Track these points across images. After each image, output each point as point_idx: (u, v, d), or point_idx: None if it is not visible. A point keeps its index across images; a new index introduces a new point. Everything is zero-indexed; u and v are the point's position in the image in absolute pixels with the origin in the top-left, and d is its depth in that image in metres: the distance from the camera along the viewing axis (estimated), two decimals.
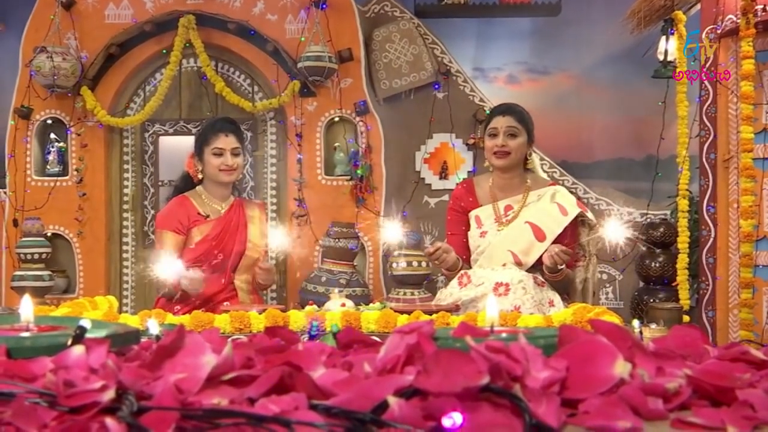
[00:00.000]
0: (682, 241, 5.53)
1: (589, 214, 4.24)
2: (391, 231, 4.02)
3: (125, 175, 6.42)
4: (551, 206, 4.10)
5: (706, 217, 5.29)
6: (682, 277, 5.52)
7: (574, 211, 4.10)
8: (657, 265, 5.85)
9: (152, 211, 6.40)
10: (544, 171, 4.82)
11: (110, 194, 6.35)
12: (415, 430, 0.71)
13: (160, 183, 6.42)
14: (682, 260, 5.51)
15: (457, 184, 4.84)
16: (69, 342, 0.99)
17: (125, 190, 6.42)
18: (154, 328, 1.20)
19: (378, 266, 6.20)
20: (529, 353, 0.81)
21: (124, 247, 6.42)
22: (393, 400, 0.75)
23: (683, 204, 5.51)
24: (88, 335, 1.00)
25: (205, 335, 1.16)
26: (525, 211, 4.14)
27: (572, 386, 0.80)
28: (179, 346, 0.89)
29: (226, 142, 4.41)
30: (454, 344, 0.92)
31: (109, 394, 0.81)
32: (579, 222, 4.18)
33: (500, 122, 4.16)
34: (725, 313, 5.19)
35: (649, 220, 6.04)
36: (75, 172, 6.25)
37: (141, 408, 0.77)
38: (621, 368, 0.81)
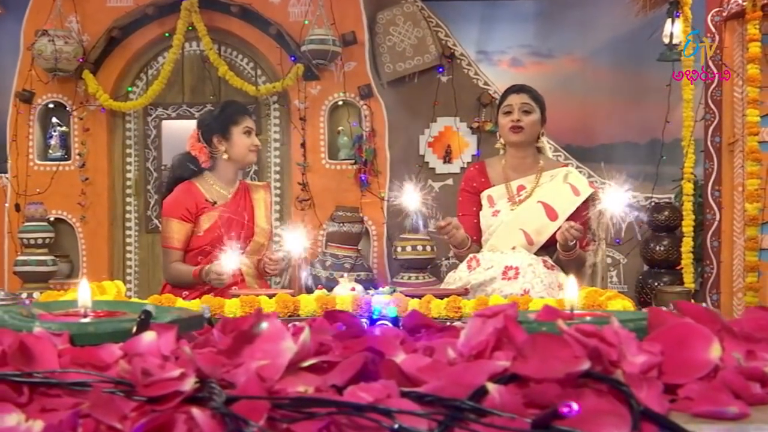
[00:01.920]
0: (687, 224, 5.51)
1: (602, 195, 4.23)
2: (411, 199, 3.96)
3: (128, 159, 6.39)
4: (564, 186, 4.07)
5: (711, 200, 5.29)
6: (686, 260, 5.51)
7: (586, 191, 4.08)
8: (662, 248, 5.85)
9: (155, 196, 6.37)
10: (555, 153, 4.81)
11: (113, 179, 6.32)
12: (518, 418, 0.70)
13: (163, 167, 6.39)
14: (687, 244, 5.50)
15: (469, 165, 4.82)
16: (134, 328, 0.97)
17: (128, 175, 6.39)
18: (207, 312, 1.17)
19: (382, 250, 6.18)
20: (622, 337, 0.80)
21: (127, 232, 6.39)
22: (492, 387, 0.73)
23: (688, 187, 5.49)
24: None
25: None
26: (538, 191, 4.11)
27: (668, 371, 0.79)
28: (258, 332, 0.87)
29: (252, 123, 4.39)
30: (540, 328, 0.90)
31: (190, 383, 0.79)
32: (591, 204, 4.17)
33: (515, 99, 4.13)
34: (729, 297, 5.20)
35: (653, 203, 6.03)
36: (77, 157, 6.22)
37: (229, 398, 0.75)
38: (716, 352, 0.80)
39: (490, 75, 6.44)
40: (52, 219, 6.10)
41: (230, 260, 3.81)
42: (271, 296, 3.44)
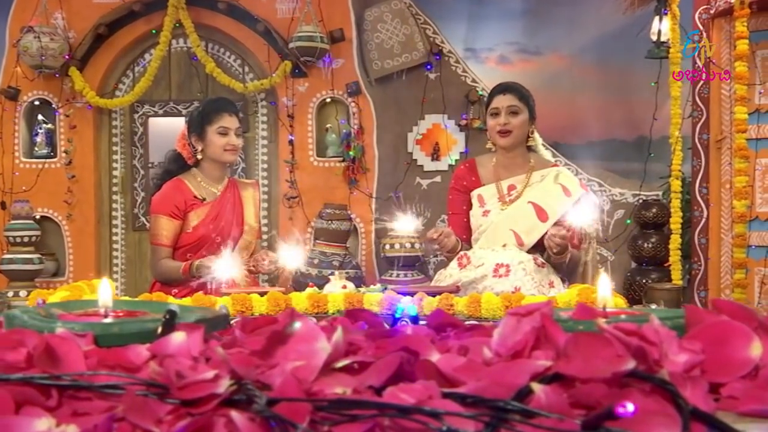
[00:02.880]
0: (675, 221, 5.53)
1: (592, 195, 4.24)
2: (405, 223, 3.96)
3: (114, 157, 6.36)
4: (554, 187, 4.07)
5: (699, 197, 5.31)
6: (674, 257, 5.53)
7: (577, 192, 4.08)
8: (649, 245, 5.86)
9: (142, 194, 6.35)
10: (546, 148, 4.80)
11: (99, 176, 6.29)
12: (566, 418, 0.69)
13: (150, 165, 6.36)
14: (675, 241, 5.52)
15: (457, 162, 4.82)
16: (159, 328, 0.95)
17: (114, 173, 6.36)
18: (224, 309, 1.16)
19: (371, 248, 6.18)
20: (663, 335, 0.79)
21: (114, 230, 6.36)
22: (538, 387, 0.72)
23: (676, 185, 5.51)
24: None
25: (281, 318, 1.13)
26: (528, 191, 4.10)
27: (710, 370, 0.78)
28: (291, 332, 0.86)
29: (230, 121, 4.33)
30: (577, 326, 0.90)
31: (225, 385, 0.78)
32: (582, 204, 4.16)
33: (501, 101, 4.12)
34: (717, 293, 5.22)
35: (641, 200, 6.05)
36: (64, 154, 6.18)
37: (269, 400, 0.74)
38: (757, 350, 0.79)
39: (477, 72, 6.44)
40: (38, 217, 6.05)
41: (226, 267, 3.78)
42: (262, 294, 3.43)
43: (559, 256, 3.88)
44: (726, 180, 5.16)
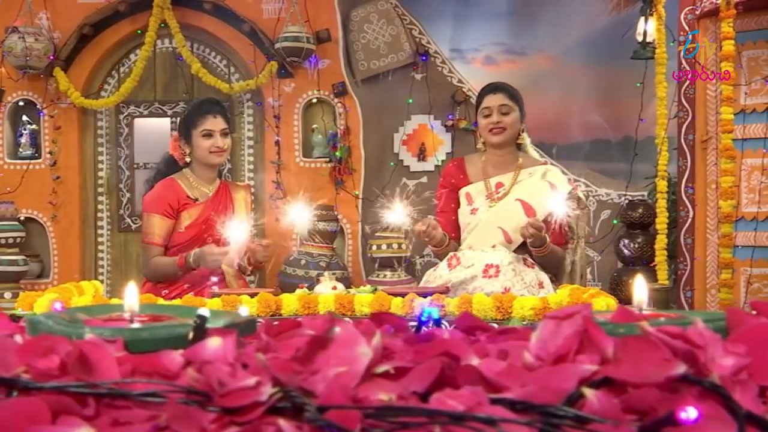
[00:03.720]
0: (661, 222, 5.55)
1: (580, 194, 4.26)
2: (396, 213, 3.96)
3: (99, 157, 6.32)
4: (542, 184, 4.09)
5: (684, 198, 5.33)
6: (660, 257, 5.55)
7: (564, 189, 4.10)
8: (636, 245, 5.88)
9: (127, 195, 6.31)
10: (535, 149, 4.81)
11: (84, 177, 6.24)
12: (620, 424, 0.68)
13: (135, 165, 6.32)
14: (661, 241, 5.54)
15: (444, 162, 4.82)
16: (190, 334, 0.94)
17: (100, 173, 6.32)
18: (245, 311, 1.14)
19: (357, 248, 6.17)
20: (707, 338, 0.79)
21: (99, 231, 6.32)
22: (590, 392, 0.72)
23: (662, 185, 5.53)
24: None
25: (306, 321, 1.12)
26: (516, 189, 4.12)
27: (756, 373, 0.78)
28: (331, 337, 0.85)
29: (215, 123, 4.33)
30: (617, 330, 0.89)
31: (268, 392, 0.77)
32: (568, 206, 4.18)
33: (492, 101, 4.14)
34: (703, 293, 5.25)
35: (627, 201, 6.07)
36: (48, 155, 6.13)
37: (319, 408, 0.73)
38: None
39: (463, 73, 6.44)
40: (22, 218, 6.01)
41: (238, 231, 3.78)
42: (252, 295, 3.42)
43: (537, 248, 3.88)
44: (712, 180, 5.19)
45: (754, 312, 0.91)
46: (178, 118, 4.59)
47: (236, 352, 0.89)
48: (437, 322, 1.13)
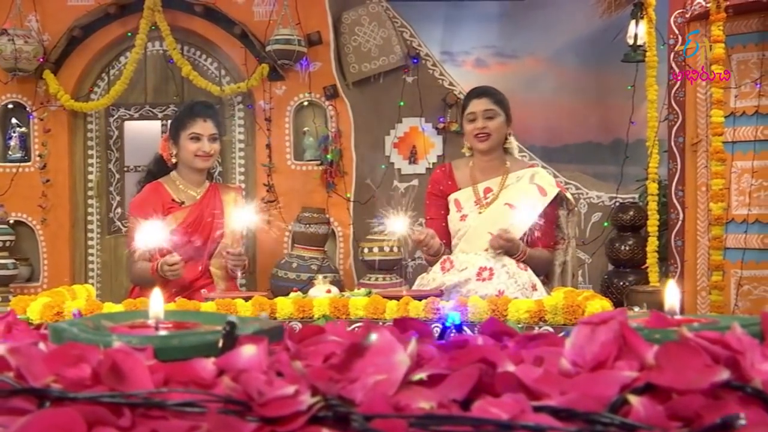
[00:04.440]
0: (652, 224, 5.57)
1: (569, 195, 4.27)
2: (397, 224, 3.94)
3: (89, 160, 6.29)
4: (530, 187, 4.10)
5: (675, 200, 5.35)
6: (651, 260, 5.56)
7: (552, 191, 4.11)
8: (627, 248, 5.90)
9: (118, 198, 6.29)
10: (521, 153, 4.82)
11: (74, 180, 6.21)
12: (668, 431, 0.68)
13: (125, 169, 6.30)
14: (652, 243, 5.56)
15: (436, 167, 4.82)
16: (220, 341, 0.94)
17: (90, 177, 6.29)
18: (266, 317, 1.14)
19: (348, 252, 6.16)
20: (746, 343, 0.79)
21: (89, 235, 6.29)
22: (635, 399, 0.72)
23: (653, 187, 5.55)
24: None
25: (329, 327, 1.12)
26: (504, 193, 4.13)
27: None
28: (368, 344, 0.84)
29: (204, 127, 4.31)
30: (653, 335, 0.89)
31: (307, 401, 0.77)
32: (558, 203, 4.19)
33: (477, 106, 4.15)
34: (693, 296, 5.26)
35: (618, 203, 6.09)
36: (38, 158, 6.10)
37: (365, 417, 0.72)
38: None
39: (454, 75, 6.45)
40: (11, 221, 5.97)
41: (152, 234, 3.65)
42: (246, 299, 3.41)
43: (512, 257, 3.89)
44: (702, 183, 5.21)
45: None
46: (170, 121, 4.57)
47: (268, 360, 0.89)
48: (459, 328, 1.13)
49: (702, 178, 5.21)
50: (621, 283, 5.81)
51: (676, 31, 5.35)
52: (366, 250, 5.92)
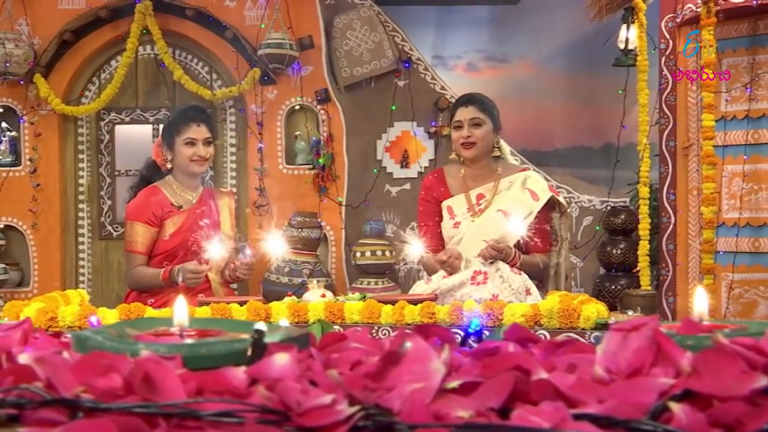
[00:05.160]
0: (644, 228, 5.58)
1: (561, 198, 4.28)
2: (415, 248, 3.92)
3: (80, 165, 6.27)
4: (523, 193, 4.11)
5: (666, 204, 5.37)
6: (643, 263, 5.57)
7: (545, 196, 4.12)
8: (618, 251, 5.90)
9: (108, 202, 6.26)
10: (514, 157, 4.82)
11: (65, 185, 6.19)
12: None
13: (116, 173, 6.27)
14: (644, 247, 5.57)
15: (428, 173, 4.82)
16: (249, 349, 0.93)
17: (80, 181, 6.26)
18: (285, 323, 1.13)
19: (341, 256, 6.16)
20: None
21: (80, 239, 6.26)
22: (676, 407, 0.72)
23: (644, 191, 5.56)
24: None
25: (351, 334, 1.11)
26: (497, 199, 4.13)
27: None
28: (403, 352, 0.84)
29: (198, 132, 4.29)
30: (685, 341, 0.89)
31: (347, 410, 0.76)
32: (550, 207, 4.20)
33: (463, 114, 4.16)
34: (685, 299, 5.28)
35: (609, 207, 6.10)
36: (28, 162, 6.07)
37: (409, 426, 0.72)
38: None
39: (446, 79, 6.45)
40: (2, 226, 5.95)
41: (216, 248, 3.76)
42: (241, 304, 3.40)
43: (508, 263, 3.89)
44: (693, 186, 5.23)
45: None
46: (161, 125, 4.55)
47: (295, 368, 0.88)
48: (479, 333, 1.13)
49: (693, 181, 5.23)
50: (613, 287, 5.82)
51: (667, 36, 5.37)
52: (358, 254, 5.92)
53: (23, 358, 0.98)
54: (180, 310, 1.04)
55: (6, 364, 0.99)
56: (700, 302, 1.04)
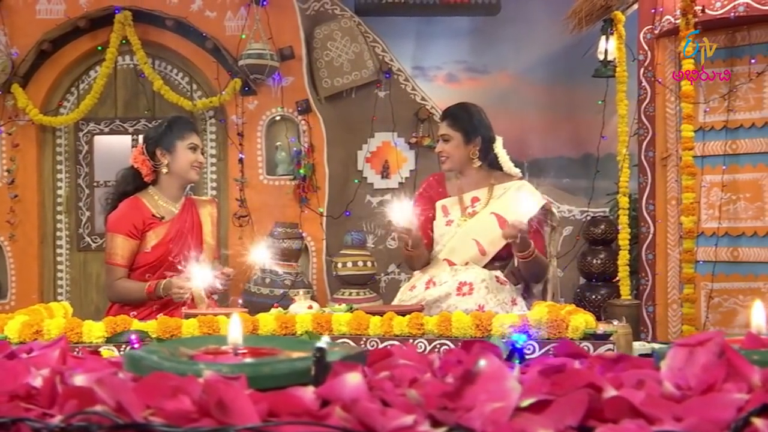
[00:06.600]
0: (623, 238, 5.63)
1: (554, 210, 4.29)
2: (401, 211, 3.90)
3: (58, 175, 6.21)
4: (517, 196, 4.12)
5: (646, 214, 5.41)
6: (623, 273, 5.62)
7: (539, 203, 4.13)
8: (598, 261, 5.94)
9: (87, 213, 6.20)
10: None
11: (43, 196, 6.13)
12: None
13: (95, 184, 6.22)
14: (624, 257, 5.62)
15: (431, 174, 4.83)
16: (312, 368, 0.92)
17: (59, 192, 6.20)
18: (324, 343, 1.12)
19: (321, 266, 6.14)
20: None
21: (58, 251, 6.20)
22: (760, 422, 0.72)
23: (624, 201, 5.62)
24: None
25: (397, 351, 1.11)
26: (492, 203, 4.14)
27: None
28: (479, 371, 0.84)
29: (198, 139, 4.28)
30: (751, 356, 0.90)
31: (430, 430, 0.76)
32: (544, 219, 4.21)
33: (440, 129, 4.21)
34: (665, 308, 5.31)
35: (589, 217, 6.14)
36: (6, 173, 6.01)
37: None
38: None
39: (426, 90, 6.47)
40: None
41: (201, 277, 3.72)
42: (228, 316, 3.38)
43: (522, 253, 3.89)
44: (672, 196, 5.27)
45: None
46: (140, 135, 4.50)
47: (363, 387, 0.88)
48: (521, 351, 1.13)
49: (672, 192, 5.28)
50: (593, 297, 5.86)
51: (646, 47, 5.42)
52: (339, 265, 5.91)
53: (79, 380, 0.97)
54: (235, 328, 1.03)
55: (60, 387, 0.98)
56: (757, 315, 1.05)
